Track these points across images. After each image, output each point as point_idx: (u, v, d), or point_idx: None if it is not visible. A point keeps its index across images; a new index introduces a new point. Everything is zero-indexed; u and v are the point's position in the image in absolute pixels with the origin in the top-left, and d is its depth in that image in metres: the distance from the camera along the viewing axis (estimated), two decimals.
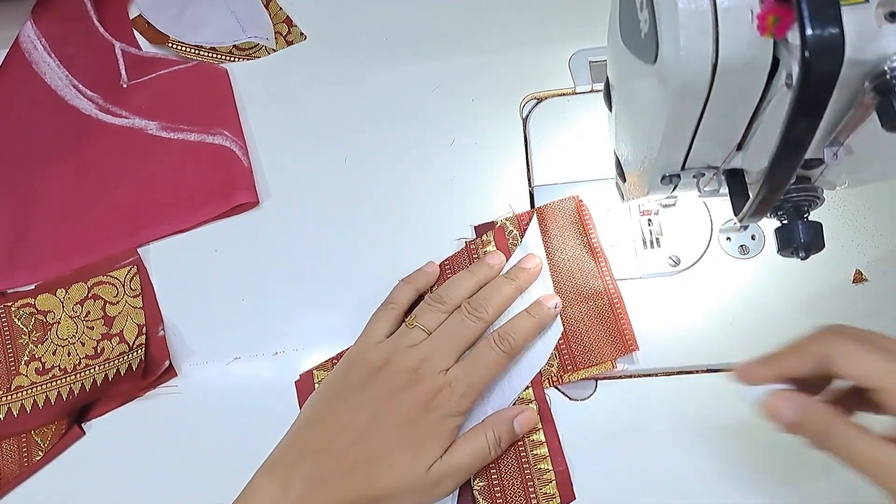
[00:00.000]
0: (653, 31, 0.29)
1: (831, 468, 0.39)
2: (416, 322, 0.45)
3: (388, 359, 0.43)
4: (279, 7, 0.63)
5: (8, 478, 0.48)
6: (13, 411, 0.49)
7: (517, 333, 0.44)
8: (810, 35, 0.23)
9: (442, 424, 0.41)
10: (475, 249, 0.50)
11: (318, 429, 0.42)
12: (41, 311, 0.52)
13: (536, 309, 0.45)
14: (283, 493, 0.40)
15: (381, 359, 0.44)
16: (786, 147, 0.26)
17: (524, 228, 0.50)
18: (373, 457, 0.40)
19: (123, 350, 0.50)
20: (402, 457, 0.40)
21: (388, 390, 0.42)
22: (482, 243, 0.50)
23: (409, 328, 0.45)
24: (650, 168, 0.36)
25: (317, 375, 0.48)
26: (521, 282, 0.47)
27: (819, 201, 0.35)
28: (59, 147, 0.59)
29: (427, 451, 0.41)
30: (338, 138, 0.56)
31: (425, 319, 0.45)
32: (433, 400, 0.42)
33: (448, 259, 0.50)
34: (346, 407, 0.42)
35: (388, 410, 0.41)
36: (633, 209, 0.50)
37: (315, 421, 0.43)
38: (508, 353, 0.44)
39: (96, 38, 0.63)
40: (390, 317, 0.46)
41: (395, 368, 0.43)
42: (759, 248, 0.48)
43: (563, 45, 0.56)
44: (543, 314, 0.45)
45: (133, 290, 0.52)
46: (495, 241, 0.49)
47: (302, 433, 0.43)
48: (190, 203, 0.55)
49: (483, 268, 0.47)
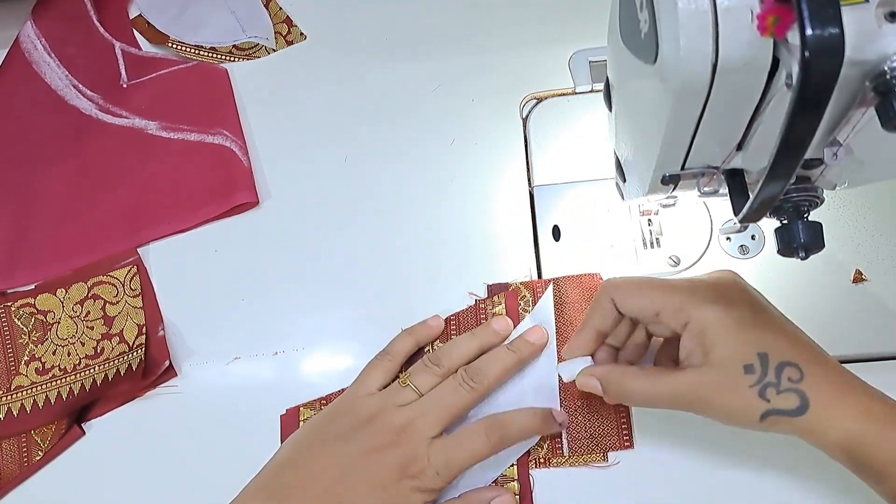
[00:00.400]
0: (653, 31, 0.29)
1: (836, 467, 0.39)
2: (410, 381, 0.43)
3: (376, 414, 0.42)
4: (279, 7, 0.63)
5: (8, 478, 0.48)
6: (13, 411, 0.49)
7: (512, 427, 0.42)
8: (810, 35, 0.23)
9: (412, 496, 0.40)
10: (484, 309, 0.48)
11: (293, 473, 0.42)
12: (41, 310, 0.52)
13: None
14: None
15: (369, 413, 0.42)
16: (786, 147, 0.26)
17: (538, 296, 0.48)
18: None
19: (123, 350, 0.50)
20: None
21: (369, 446, 0.41)
22: (492, 303, 0.48)
23: (402, 386, 0.44)
24: (650, 168, 0.36)
25: (303, 413, 0.47)
26: (524, 355, 0.45)
27: (819, 201, 0.35)
28: (59, 147, 0.59)
29: None
30: (338, 138, 0.56)
31: (419, 380, 0.43)
32: (409, 468, 0.40)
33: (454, 315, 0.48)
34: (325, 454, 0.42)
35: (364, 467, 0.40)
36: (633, 209, 0.50)
37: (290, 463, 0.42)
38: (495, 447, 0.42)
39: (96, 38, 0.63)
40: (385, 368, 0.45)
41: (380, 426, 0.42)
42: (759, 248, 0.48)
43: (563, 45, 0.56)
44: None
45: (133, 290, 0.52)
46: (506, 305, 0.48)
47: (275, 475, 0.42)
48: (190, 203, 0.55)
49: (487, 333, 0.46)
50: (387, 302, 0.50)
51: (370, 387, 0.44)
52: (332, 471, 0.41)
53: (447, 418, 0.42)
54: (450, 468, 0.41)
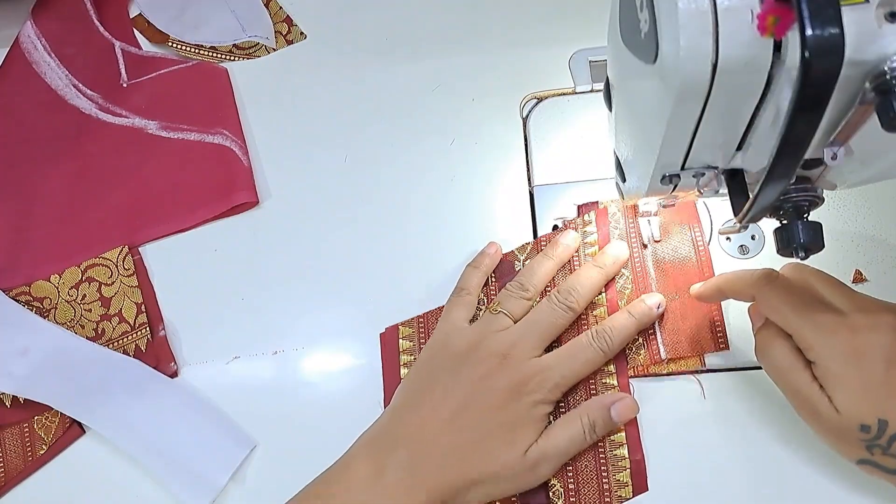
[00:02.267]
0: (653, 31, 0.29)
1: (835, 467, 0.39)
2: (501, 308, 0.45)
3: (476, 343, 0.43)
4: (279, 6, 0.63)
5: (12, 472, 0.48)
6: (19, 398, 0.49)
7: (616, 334, 0.43)
8: (810, 35, 0.23)
9: (534, 410, 0.41)
10: (575, 229, 0.49)
11: (411, 414, 0.42)
12: (37, 297, 0.53)
13: (638, 309, 0.44)
14: (377, 477, 0.40)
15: (468, 343, 0.43)
16: (786, 147, 0.27)
17: (627, 214, 0.49)
18: (466, 443, 0.40)
19: (125, 330, 0.50)
20: (496, 442, 0.40)
21: (479, 374, 0.42)
22: (583, 222, 0.49)
23: (494, 314, 0.44)
24: (650, 168, 0.36)
25: (402, 331, 0.48)
26: (610, 270, 0.46)
27: (819, 201, 0.35)
28: (59, 147, 0.59)
29: (522, 435, 0.41)
30: (338, 138, 0.56)
31: (510, 306, 0.45)
32: (525, 386, 0.41)
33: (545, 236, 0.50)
34: (437, 391, 0.42)
35: (480, 394, 0.41)
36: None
37: (407, 407, 0.43)
38: (605, 353, 0.43)
39: (96, 38, 0.63)
40: (466, 302, 0.46)
41: (484, 353, 0.42)
42: (759, 248, 0.48)
43: (563, 45, 0.56)
44: (643, 314, 0.44)
45: (127, 269, 0.52)
46: (597, 223, 0.49)
47: (395, 418, 0.43)
48: (190, 203, 0.55)
49: (559, 249, 0.47)
50: (386, 301, 0.50)
51: (459, 322, 0.45)
52: (448, 406, 0.41)
53: (548, 339, 0.43)
54: (566, 378, 0.42)
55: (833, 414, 0.35)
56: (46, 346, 0.49)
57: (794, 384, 0.37)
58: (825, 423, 0.35)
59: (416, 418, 0.42)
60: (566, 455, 0.42)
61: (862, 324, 0.35)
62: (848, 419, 0.34)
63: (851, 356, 0.34)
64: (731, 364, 0.45)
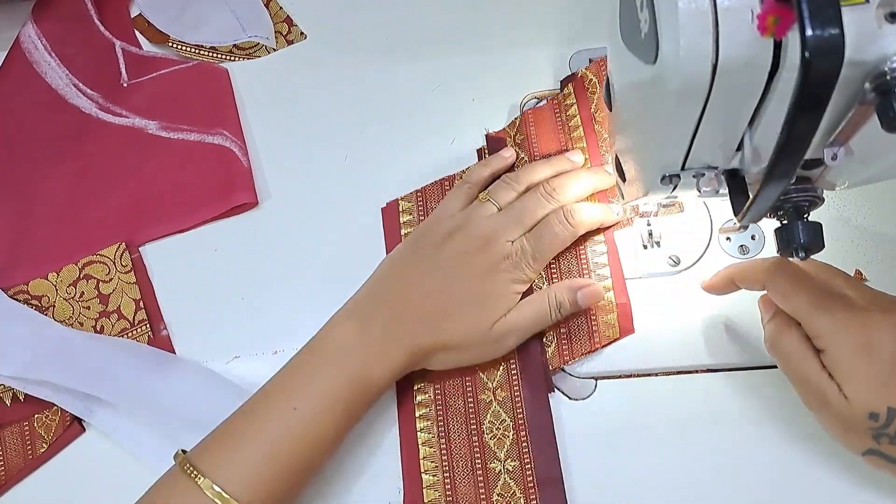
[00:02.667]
0: (653, 31, 0.29)
1: (835, 467, 0.39)
2: (490, 197, 0.47)
3: (462, 225, 0.46)
4: (279, 6, 0.63)
5: (13, 471, 0.48)
6: (19, 396, 0.49)
7: (579, 211, 0.45)
8: (810, 35, 0.23)
9: (508, 287, 0.44)
10: (558, 104, 0.52)
11: (395, 282, 0.45)
12: (35, 296, 0.53)
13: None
14: (362, 333, 0.43)
15: (455, 224, 0.46)
16: (786, 147, 0.27)
17: (602, 76, 0.50)
18: (443, 310, 0.43)
19: (125, 327, 0.50)
20: (469, 312, 0.43)
21: (460, 251, 0.44)
22: (564, 97, 0.52)
23: (482, 202, 0.47)
24: (650, 168, 0.36)
25: (402, 205, 0.52)
26: (601, 183, 0.48)
27: (819, 201, 0.35)
28: (60, 146, 0.59)
29: (492, 309, 0.43)
30: (338, 138, 0.56)
31: (499, 196, 0.47)
32: (501, 264, 0.44)
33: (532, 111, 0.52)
34: (422, 265, 0.45)
35: (459, 269, 0.44)
36: (631, 209, 0.50)
37: (392, 276, 0.46)
38: (575, 226, 0.45)
39: (97, 38, 0.63)
40: (465, 193, 0.48)
41: (468, 233, 0.45)
42: (759, 248, 0.48)
43: (563, 45, 0.56)
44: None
45: (124, 265, 0.53)
46: (575, 94, 0.51)
47: (380, 284, 0.46)
48: (189, 203, 0.55)
49: (563, 162, 0.49)
50: None
51: (452, 209, 0.47)
52: (431, 277, 0.44)
53: (527, 225, 0.45)
54: (540, 255, 0.45)
55: (842, 402, 0.35)
56: (49, 334, 0.50)
57: (803, 372, 0.37)
58: (833, 411, 0.36)
59: (400, 285, 0.45)
60: (530, 331, 0.45)
61: (875, 318, 0.35)
62: (857, 407, 0.35)
63: (863, 349, 0.35)
64: (731, 364, 0.45)
